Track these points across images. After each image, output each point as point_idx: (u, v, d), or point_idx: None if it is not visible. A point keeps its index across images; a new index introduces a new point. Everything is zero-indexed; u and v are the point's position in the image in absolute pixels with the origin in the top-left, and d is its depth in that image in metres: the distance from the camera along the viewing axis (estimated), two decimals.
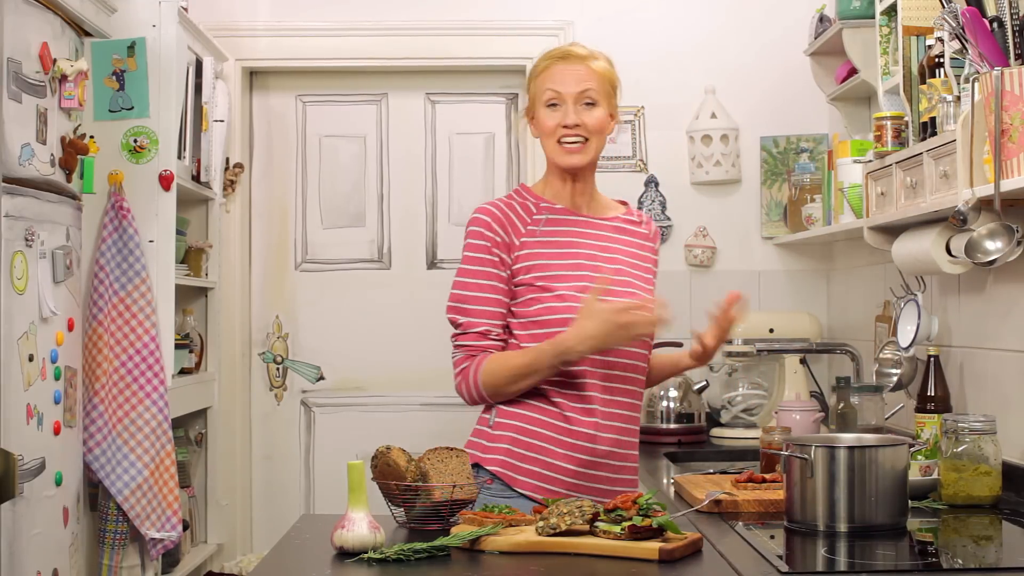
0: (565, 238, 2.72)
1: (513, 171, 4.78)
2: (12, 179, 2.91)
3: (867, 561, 2.18)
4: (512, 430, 2.66)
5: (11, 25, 2.90)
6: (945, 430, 2.74)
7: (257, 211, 4.76)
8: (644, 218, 2.89)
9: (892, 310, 3.68)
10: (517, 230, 2.70)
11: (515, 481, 2.64)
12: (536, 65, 2.76)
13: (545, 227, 2.72)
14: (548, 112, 2.70)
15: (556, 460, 2.64)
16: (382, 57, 4.66)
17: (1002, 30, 2.64)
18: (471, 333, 2.67)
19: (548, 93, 2.70)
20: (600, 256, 2.73)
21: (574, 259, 2.70)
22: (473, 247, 2.69)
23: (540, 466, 2.64)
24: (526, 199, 2.76)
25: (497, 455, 2.66)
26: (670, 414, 4.13)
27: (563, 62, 2.71)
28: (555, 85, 2.69)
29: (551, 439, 2.64)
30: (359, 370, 4.75)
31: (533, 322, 2.65)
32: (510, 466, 2.65)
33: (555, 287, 2.65)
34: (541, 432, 2.65)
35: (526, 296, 2.66)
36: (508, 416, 2.67)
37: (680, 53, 4.62)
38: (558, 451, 2.64)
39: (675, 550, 2.14)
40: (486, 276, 2.67)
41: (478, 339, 2.66)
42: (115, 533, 3.55)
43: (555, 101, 2.69)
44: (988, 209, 2.68)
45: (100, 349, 3.53)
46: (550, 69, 2.71)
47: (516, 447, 2.65)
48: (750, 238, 4.64)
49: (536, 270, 2.67)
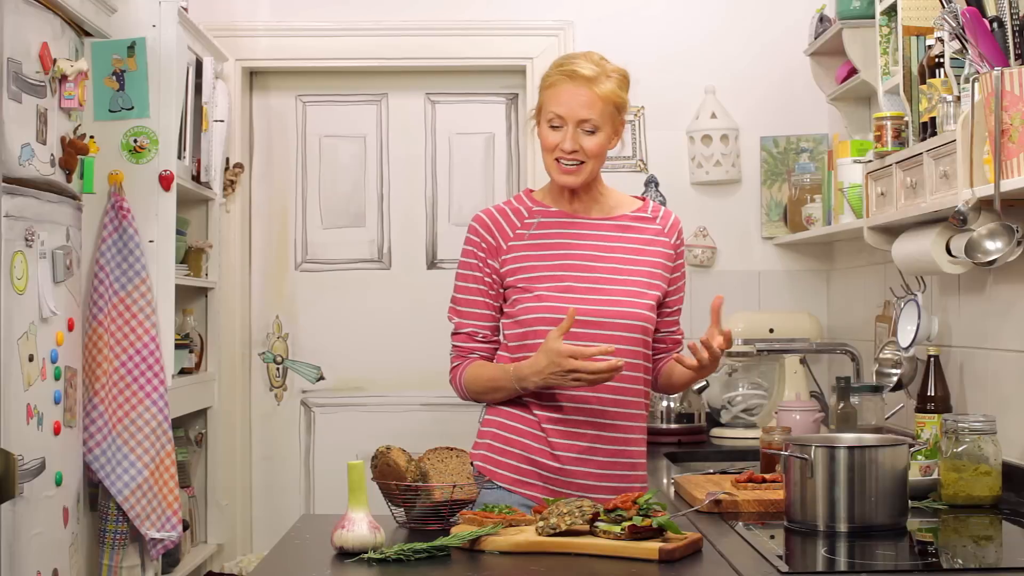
0: (554, 240, 2.75)
1: (513, 171, 4.78)
2: (12, 179, 2.91)
3: (867, 561, 2.19)
4: (495, 426, 2.76)
5: (11, 25, 2.90)
6: (945, 430, 2.75)
7: (257, 211, 4.75)
8: (660, 213, 2.85)
9: (892, 310, 3.67)
10: (505, 234, 2.76)
11: (494, 474, 2.71)
12: (547, 75, 2.74)
13: (536, 230, 2.77)
14: (549, 131, 2.72)
15: (538, 457, 2.69)
16: (382, 57, 4.66)
17: (1002, 30, 2.64)
18: (461, 334, 2.80)
19: (550, 114, 2.70)
20: (595, 256, 2.74)
21: (560, 260, 2.72)
22: (464, 251, 2.81)
23: (521, 461, 2.71)
24: (522, 204, 2.81)
25: (481, 449, 2.76)
26: (670, 414, 4.13)
27: (570, 83, 2.68)
28: (558, 109, 2.69)
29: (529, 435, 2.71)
30: (359, 370, 4.75)
31: (515, 322, 2.73)
32: (490, 460, 2.73)
33: (535, 288, 2.71)
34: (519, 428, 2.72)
35: (512, 297, 2.75)
36: (494, 412, 2.78)
37: (680, 53, 4.62)
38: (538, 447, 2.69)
39: (675, 550, 2.14)
40: (472, 279, 2.78)
41: (466, 340, 2.79)
42: (115, 533, 3.55)
43: (557, 124, 2.70)
44: (988, 209, 2.68)
45: (100, 349, 3.53)
46: (556, 88, 2.70)
47: (496, 442, 2.74)
48: (750, 238, 4.64)
49: (520, 272, 2.73)
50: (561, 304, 2.66)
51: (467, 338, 2.79)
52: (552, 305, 2.67)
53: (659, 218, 2.84)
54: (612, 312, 2.70)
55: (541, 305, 2.69)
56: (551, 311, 2.66)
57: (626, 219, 2.81)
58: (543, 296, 2.69)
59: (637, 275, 2.75)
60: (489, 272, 2.76)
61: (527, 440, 2.70)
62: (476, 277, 2.77)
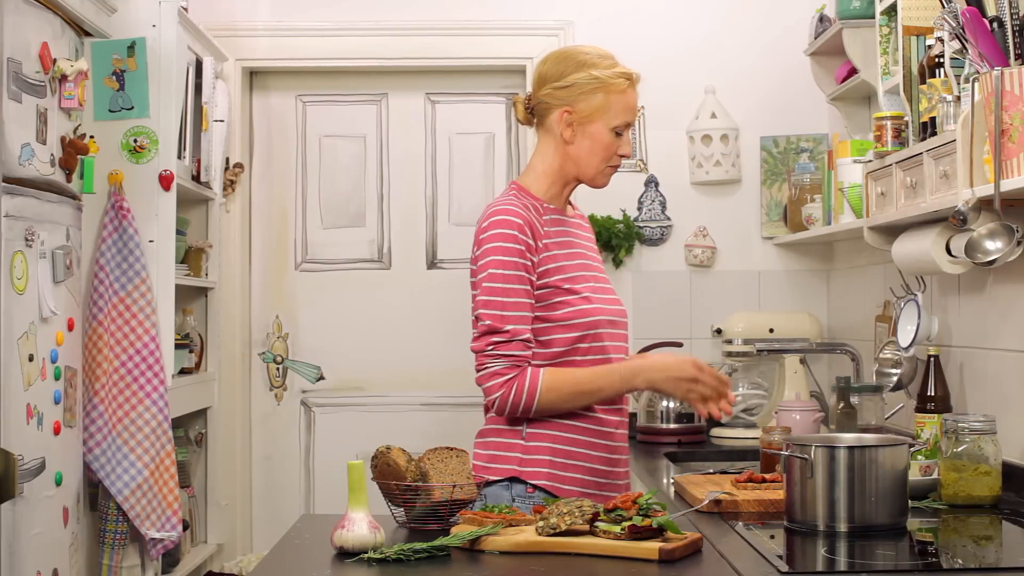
0: (567, 239, 2.73)
1: (513, 171, 4.77)
2: (12, 179, 2.91)
3: (867, 561, 2.19)
4: (549, 440, 2.63)
5: (11, 25, 2.90)
6: (945, 430, 2.74)
7: (257, 211, 4.75)
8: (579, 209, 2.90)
9: (892, 310, 3.67)
10: (538, 233, 2.65)
11: (560, 491, 2.61)
12: (613, 81, 2.66)
13: (552, 228, 2.71)
14: (611, 135, 2.67)
15: (595, 464, 2.66)
16: (382, 57, 4.66)
17: (1002, 30, 2.64)
18: (516, 341, 2.57)
19: (621, 121, 2.67)
20: (589, 255, 2.76)
21: (580, 259, 2.71)
22: (507, 251, 2.60)
23: (582, 472, 2.65)
24: (532, 200, 2.71)
25: (539, 467, 2.62)
26: (670, 414, 4.13)
27: (633, 89, 2.69)
28: (630, 117, 2.68)
29: (588, 444, 2.66)
30: (359, 370, 4.75)
31: (563, 326, 2.62)
32: (555, 477, 2.62)
33: (578, 288, 2.65)
34: (579, 439, 2.65)
35: (552, 299, 2.63)
36: (542, 426, 2.64)
37: (680, 53, 4.62)
38: (595, 455, 2.66)
39: (675, 550, 2.14)
40: (519, 280, 2.60)
41: (522, 348, 2.58)
42: (115, 533, 3.55)
43: (622, 131, 2.69)
44: (988, 209, 2.68)
45: (100, 349, 3.53)
46: (627, 95, 2.68)
47: (557, 456, 2.63)
48: (750, 238, 4.64)
49: (559, 272, 2.64)
50: (605, 306, 2.66)
51: (523, 346, 2.57)
52: (600, 307, 2.65)
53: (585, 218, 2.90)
54: (621, 311, 2.75)
55: (592, 307, 2.64)
56: (602, 312, 2.65)
57: (578, 218, 2.84)
58: (591, 298, 2.64)
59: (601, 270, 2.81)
60: (533, 271, 2.62)
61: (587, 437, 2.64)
62: (524, 278, 2.60)
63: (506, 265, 2.59)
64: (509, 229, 2.60)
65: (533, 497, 2.61)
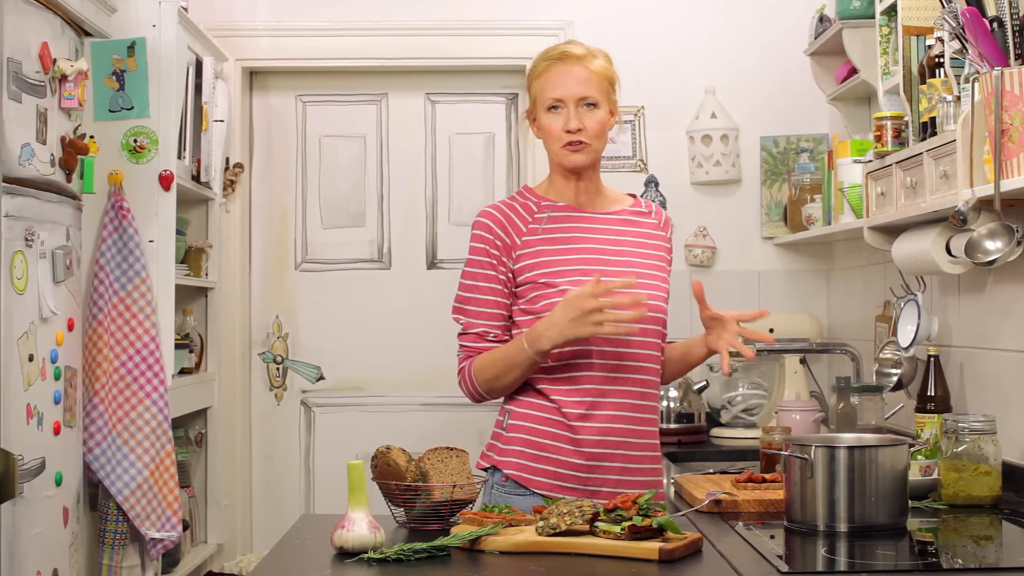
0: (568, 234, 2.73)
1: (513, 171, 4.78)
2: (12, 179, 2.90)
3: (867, 561, 2.19)
4: (523, 431, 2.69)
5: (11, 25, 2.90)
6: (945, 430, 2.75)
7: (257, 211, 4.76)
8: (653, 208, 2.89)
9: (892, 310, 3.67)
10: (519, 230, 2.72)
11: (530, 481, 2.66)
12: (535, 66, 2.76)
13: (547, 225, 2.74)
14: (550, 116, 2.72)
15: (566, 457, 2.66)
16: (382, 57, 4.66)
17: (1002, 30, 2.64)
18: (470, 334, 2.73)
19: (548, 100, 2.71)
20: (608, 250, 2.74)
21: (577, 255, 2.71)
22: (474, 250, 2.74)
23: (552, 464, 2.66)
24: (528, 199, 2.78)
25: (511, 457, 2.69)
26: (670, 414, 4.14)
27: (561, 63, 2.71)
28: (555, 91, 2.70)
29: (558, 437, 2.67)
30: (359, 370, 4.75)
31: (538, 318, 2.66)
32: (524, 467, 2.67)
33: (557, 283, 2.66)
34: (549, 431, 2.67)
35: (531, 294, 2.69)
36: (519, 418, 2.71)
37: (680, 53, 4.62)
38: (567, 447, 2.66)
39: (675, 550, 2.14)
40: (485, 278, 2.72)
41: (476, 340, 2.72)
42: (115, 533, 3.55)
43: (556, 105, 2.70)
44: (988, 209, 2.68)
45: (100, 349, 3.52)
46: (549, 72, 2.72)
47: (528, 448, 2.68)
48: (750, 238, 4.64)
49: (539, 267, 2.69)
50: None
51: (477, 338, 2.71)
52: None
53: (653, 213, 2.89)
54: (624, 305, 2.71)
55: None
56: None
57: (626, 213, 2.83)
58: (568, 291, 2.64)
59: (649, 268, 2.78)
60: (504, 270, 2.71)
61: (558, 443, 2.66)
62: (489, 276, 2.71)
63: (471, 263, 2.74)
64: (477, 229, 2.74)
65: (506, 487, 2.66)
